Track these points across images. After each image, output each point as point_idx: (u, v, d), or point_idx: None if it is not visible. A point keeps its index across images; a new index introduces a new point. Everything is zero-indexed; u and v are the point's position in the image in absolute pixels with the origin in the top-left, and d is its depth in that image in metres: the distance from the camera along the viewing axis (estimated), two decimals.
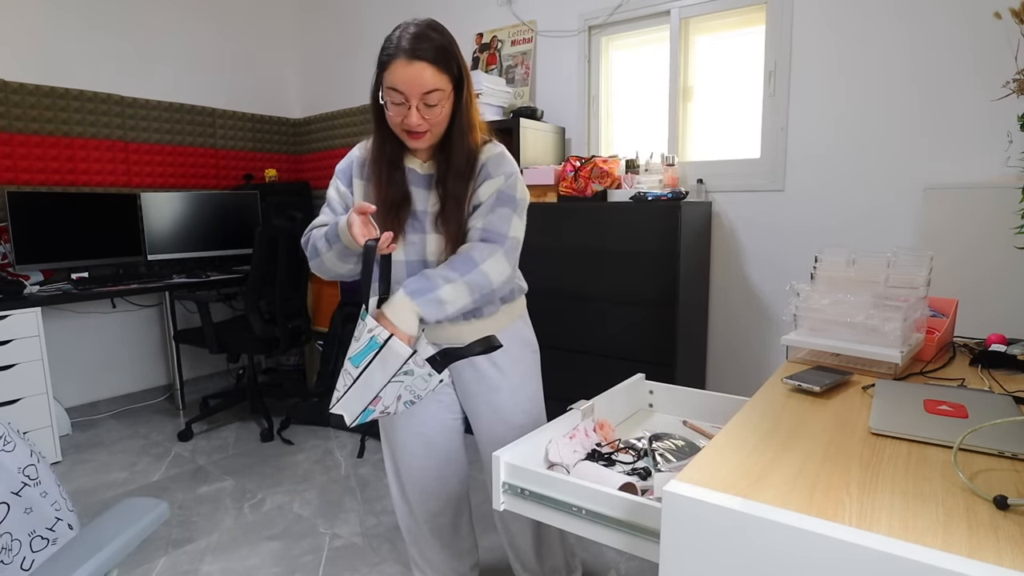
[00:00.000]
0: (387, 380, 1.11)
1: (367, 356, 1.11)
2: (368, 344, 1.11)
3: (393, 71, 1.15)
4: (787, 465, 0.80)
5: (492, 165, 1.29)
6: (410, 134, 1.21)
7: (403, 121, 1.19)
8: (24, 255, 2.95)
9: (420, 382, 1.14)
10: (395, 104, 1.18)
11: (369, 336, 1.11)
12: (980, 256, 1.92)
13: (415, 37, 1.16)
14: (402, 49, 1.15)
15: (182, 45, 3.68)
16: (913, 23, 2.16)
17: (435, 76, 1.16)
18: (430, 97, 1.17)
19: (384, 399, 1.13)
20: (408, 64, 1.14)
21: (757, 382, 2.59)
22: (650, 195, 2.39)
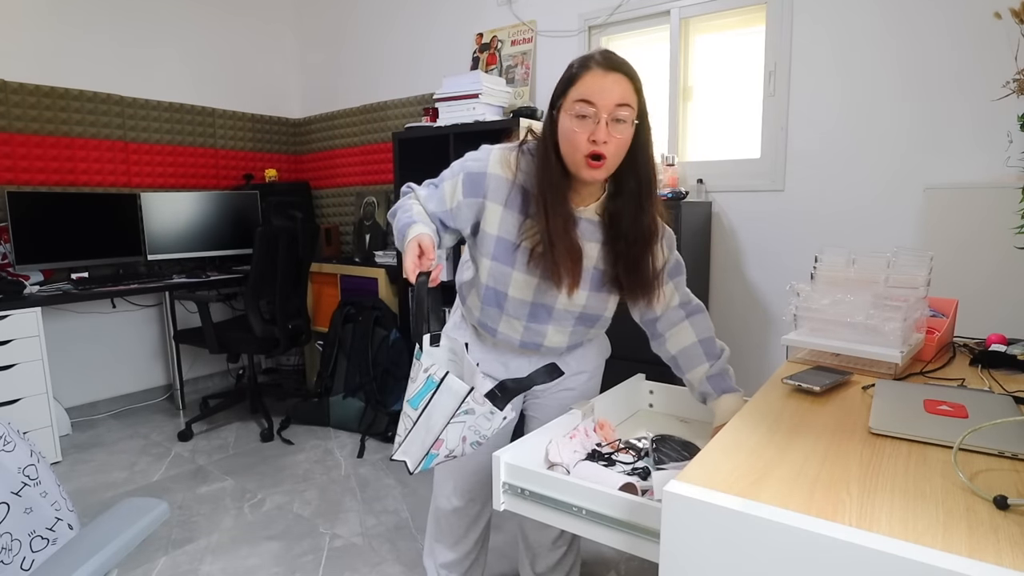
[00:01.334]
0: (447, 420, 1.04)
1: (425, 397, 1.05)
2: (425, 384, 1.05)
3: (587, 80, 1.10)
4: (787, 465, 0.80)
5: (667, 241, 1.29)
6: (591, 159, 1.11)
7: (589, 138, 1.10)
8: (24, 255, 2.95)
9: (483, 421, 1.07)
10: (580, 118, 1.10)
11: (425, 376, 1.05)
12: (980, 256, 1.92)
13: (607, 52, 1.14)
14: (597, 62, 1.11)
15: (182, 45, 3.68)
16: (913, 23, 2.16)
17: (628, 91, 1.11)
18: (620, 111, 1.10)
19: (447, 441, 1.06)
20: (604, 74, 1.10)
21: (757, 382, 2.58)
22: None
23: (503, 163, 1.23)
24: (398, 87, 3.73)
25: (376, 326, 3.13)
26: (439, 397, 1.04)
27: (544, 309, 1.28)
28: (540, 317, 1.29)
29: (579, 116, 1.10)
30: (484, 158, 1.24)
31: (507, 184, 1.22)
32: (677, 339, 1.33)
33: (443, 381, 1.04)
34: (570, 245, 1.18)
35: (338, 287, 3.47)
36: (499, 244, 1.23)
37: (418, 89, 3.61)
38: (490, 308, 1.31)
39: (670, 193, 2.37)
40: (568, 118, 1.12)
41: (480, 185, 1.22)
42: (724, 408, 1.24)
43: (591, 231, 1.23)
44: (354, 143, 4.03)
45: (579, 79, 1.12)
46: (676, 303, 1.33)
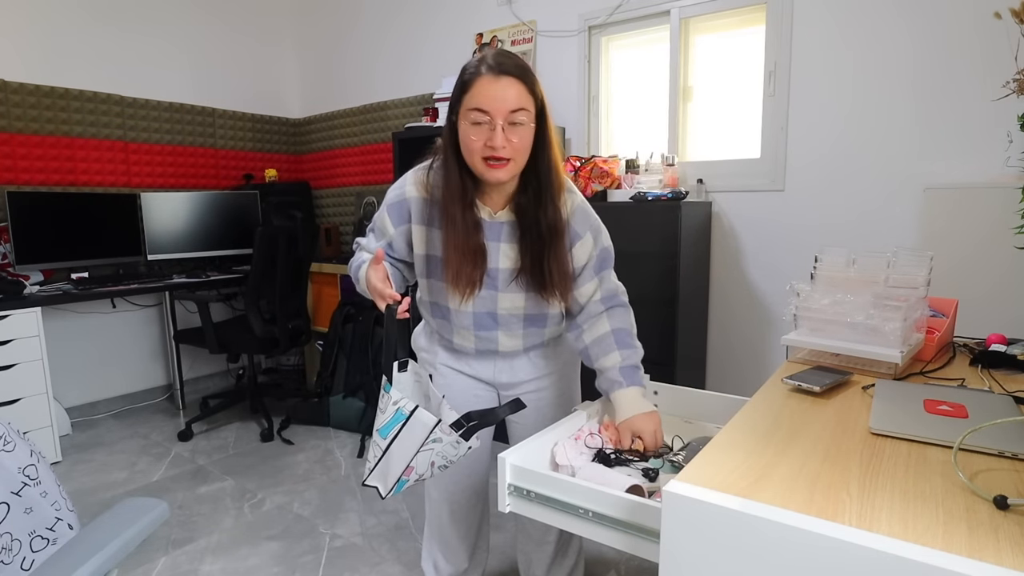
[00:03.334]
0: (417, 450, 1.08)
1: (394, 428, 1.08)
2: (394, 416, 1.09)
3: (478, 88, 1.10)
4: (787, 465, 0.80)
5: (578, 222, 1.26)
6: (491, 162, 1.12)
7: (486, 144, 1.11)
8: (24, 255, 2.95)
9: (450, 448, 1.11)
10: (476, 125, 1.11)
11: (395, 408, 1.08)
12: (980, 256, 1.92)
13: (499, 54, 1.13)
14: (487, 66, 1.10)
15: (182, 45, 3.68)
16: (913, 23, 2.16)
17: (521, 94, 1.11)
18: (517, 115, 1.11)
19: (417, 468, 1.11)
20: (495, 79, 1.10)
21: (757, 382, 2.59)
22: (650, 195, 2.39)
23: (417, 184, 1.26)
24: (398, 87, 3.73)
25: (376, 326, 3.13)
26: (408, 429, 1.07)
27: (488, 317, 1.29)
28: (487, 325, 1.31)
29: (475, 123, 1.11)
30: (402, 185, 1.28)
31: (424, 202, 1.25)
32: (593, 330, 1.32)
33: (412, 414, 1.07)
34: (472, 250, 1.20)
35: (338, 287, 3.47)
36: (429, 261, 1.28)
37: (418, 89, 3.61)
38: (440, 321, 1.35)
39: (670, 193, 2.37)
40: (465, 125, 1.13)
41: (403, 211, 1.26)
42: (628, 402, 1.23)
43: (508, 233, 1.24)
44: (354, 143, 4.03)
45: (471, 86, 1.11)
46: (598, 298, 1.31)
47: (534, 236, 1.21)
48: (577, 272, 1.28)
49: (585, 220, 1.27)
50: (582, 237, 1.26)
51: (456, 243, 1.19)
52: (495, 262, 1.25)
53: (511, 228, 1.24)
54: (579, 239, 1.26)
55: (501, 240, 1.24)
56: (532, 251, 1.22)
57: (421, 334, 1.47)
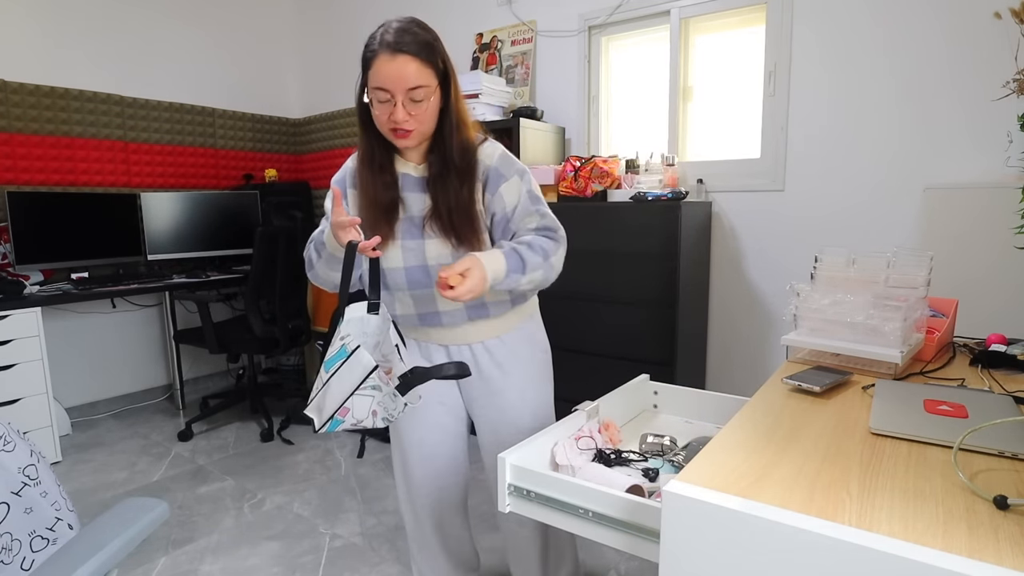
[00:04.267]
0: (352, 390, 1.09)
1: (336, 363, 1.10)
2: (338, 351, 1.11)
3: (377, 68, 1.14)
4: (787, 465, 0.80)
5: (503, 166, 1.26)
6: (397, 132, 1.19)
7: (389, 118, 1.17)
8: (24, 255, 2.95)
9: (389, 400, 1.11)
10: (380, 102, 1.17)
11: (340, 344, 1.11)
12: (980, 256, 1.92)
13: (397, 31, 1.15)
14: (385, 44, 1.13)
15: (182, 45, 3.68)
16: (913, 23, 2.16)
17: (420, 70, 1.14)
18: (416, 93, 1.15)
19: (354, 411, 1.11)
20: (392, 58, 1.13)
21: (757, 382, 2.59)
22: (650, 195, 2.39)
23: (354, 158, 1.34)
24: None
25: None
26: (348, 366, 1.09)
27: (420, 271, 1.29)
28: (420, 281, 1.30)
29: (379, 101, 1.17)
30: (344, 165, 1.36)
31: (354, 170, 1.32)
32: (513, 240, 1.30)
33: (353, 352, 1.09)
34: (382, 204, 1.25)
35: None
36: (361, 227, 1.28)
37: None
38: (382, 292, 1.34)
39: (670, 193, 2.37)
40: (373, 101, 1.18)
41: (341, 183, 1.34)
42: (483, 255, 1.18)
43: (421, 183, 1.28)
44: (354, 143, 4.00)
45: (372, 64, 1.15)
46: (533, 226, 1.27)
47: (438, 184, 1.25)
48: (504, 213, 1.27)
49: (510, 165, 1.29)
50: (508, 179, 1.26)
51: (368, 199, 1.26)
52: (419, 211, 1.28)
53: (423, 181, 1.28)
54: (505, 180, 1.26)
55: (424, 191, 1.28)
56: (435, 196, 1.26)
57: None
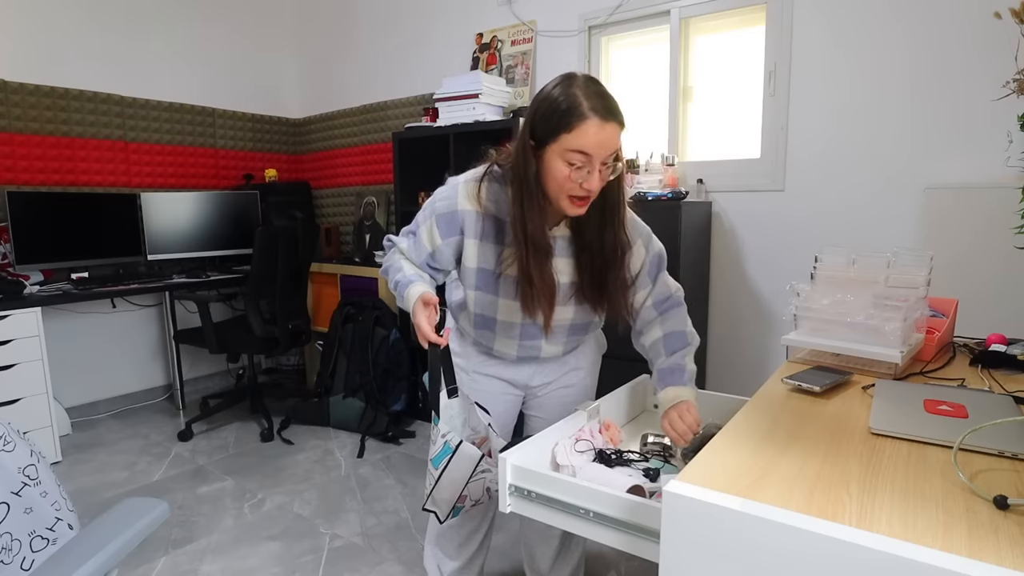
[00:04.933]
0: (467, 480, 1.15)
1: (443, 459, 1.15)
2: (443, 449, 1.15)
3: (585, 131, 1.07)
4: (787, 465, 0.80)
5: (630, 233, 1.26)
6: (576, 200, 1.13)
7: (581, 185, 1.10)
8: (24, 255, 2.95)
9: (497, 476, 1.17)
10: (572, 166, 1.09)
11: (443, 441, 1.16)
12: (980, 256, 1.92)
13: (606, 97, 1.10)
14: (599, 109, 1.07)
15: (182, 45, 3.68)
16: (913, 23, 2.16)
17: (619, 137, 1.11)
18: (611, 158, 1.11)
19: (471, 495, 1.18)
20: (603, 125, 1.07)
21: (757, 382, 2.59)
22: (650, 195, 2.39)
23: (469, 196, 1.24)
24: (398, 87, 3.73)
25: (376, 326, 3.13)
26: (456, 462, 1.14)
27: (535, 327, 1.31)
28: (532, 335, 1.33)
29: (571, 164, 1.09)
30: (452, 195, 1.25)
31: (477, 216, 1.24)
32: (649, 334, 1.35)
33: (458, 448, 1.13)
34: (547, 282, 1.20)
35: (338, 287, 3.47)
36: (480, 275, 1.27)
37: (418, 89, 3.61)
38: (483, 331, 1.36)
39: (670, 193, 2.37)
40: (560, 163, 1.10)
41: (454, 223, 1.24)
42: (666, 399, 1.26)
43: (563, 248, 1.26)
44: (354, 143, 4.03)
45: (576, 128, 1.07)
46: (650, 303, 1.34)
47: (594, 254, 1.22)
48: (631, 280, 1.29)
49: (635, 229, 1.29)
50: (633, 246, 1.27)
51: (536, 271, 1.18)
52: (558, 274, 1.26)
53: (566, 243, 1.26)
54: (630, 248, 1.27)
55: (556, 255, 1.25)
56: (591, 269, 1.23)
57: (453, 339, 1.46)
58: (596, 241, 1.22)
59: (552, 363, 1.44)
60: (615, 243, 1.21)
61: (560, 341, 1.37)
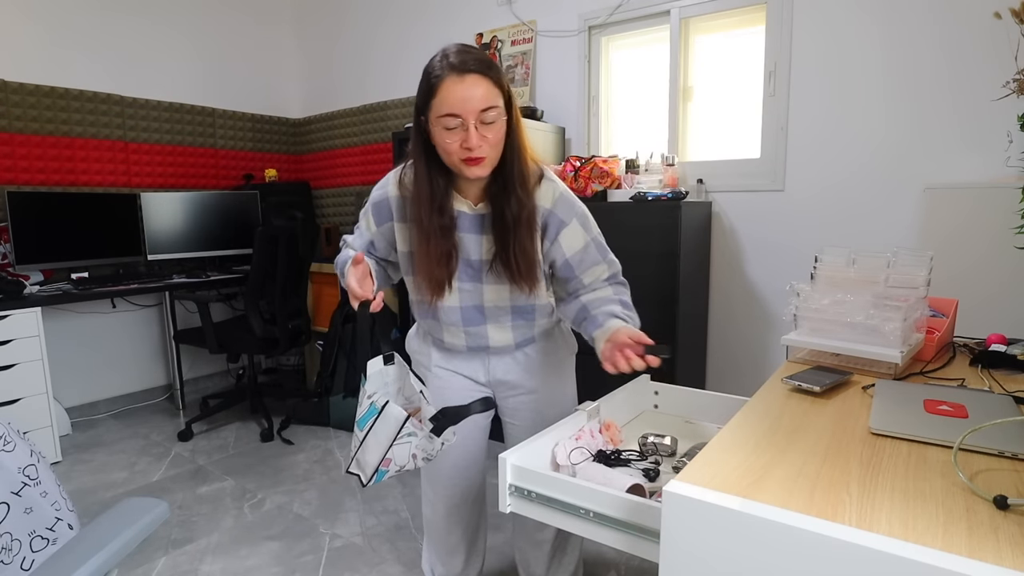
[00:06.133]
0: (391, 442, 1.12)
1: (369, 420, 1.13)
2: (368, 409, 1.13)
3: (445, 92, 1.08)
4: (787, 465, 0.80)
5: (562, 211, 1.24)
6: (469, 161, 1.12)
7: (462, 145, 1.10)
8: (24, 255, 2.95)
9: (426, 442, 1.14)
10: (449, 130, 1.10)
11: (369, 402, 1.14)
12: (980, 256, 1.92)
13: (460, 53, 1.10)
14: (451, 66, 1.08)
15: (182, 45, 3.68)
16: (913, 23, 2.16)
17: (489, 90, 1.09)
18: (487, 114, 1.10)
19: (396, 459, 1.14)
20: (460, 79, 1.07)
21: (757, 382, 2.59)
22: (650, 195, 2.39)
23: (396, 183, 1.27)
24: (398, 87, 3.73)
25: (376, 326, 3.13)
26: (380, 423, 1.11)
27: (475, 310, 1.30)
28: (474, 319, 1.31)
29: (448, 128, 1.10)
30: (384, 184, 1.29)
31: (404, 201, 1.26)
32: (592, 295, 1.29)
33: (384, 408, 1.10)
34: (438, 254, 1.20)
35: (338, 287, 3.47)
36: (412, 259, 1.28)
37: None
38: (428, 320, 1.36)
39: (670, 193, 2.37)
40: (438, 130, 1.12)
41: (383, 209, 1.28)
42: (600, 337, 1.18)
43: (486, 224, 1.24)
44: (354, 143, 4.03)
45: (438, 90, 1.09)
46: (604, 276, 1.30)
47: (501, 226, 1.21)
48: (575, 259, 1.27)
49: (570, 208, 1.26)
50: (568, 224, 1.25)
51: (423, 246, 1.21)
52: (476, 254, 1.26)
53: (490, 219, 1.24)
54: (565, 226, 1.25)
55: (483, 232, 1.24)
56: (500, 240, 1.22)
57: (414, 337, 1.48)
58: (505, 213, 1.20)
59: (510, 359, 1.39)
60: (517, 213, 1.19)
61: (505, 326, 1.33)
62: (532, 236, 1.22)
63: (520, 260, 1.21)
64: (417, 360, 1.46)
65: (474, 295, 1.29)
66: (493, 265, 1.24)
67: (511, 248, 1.20)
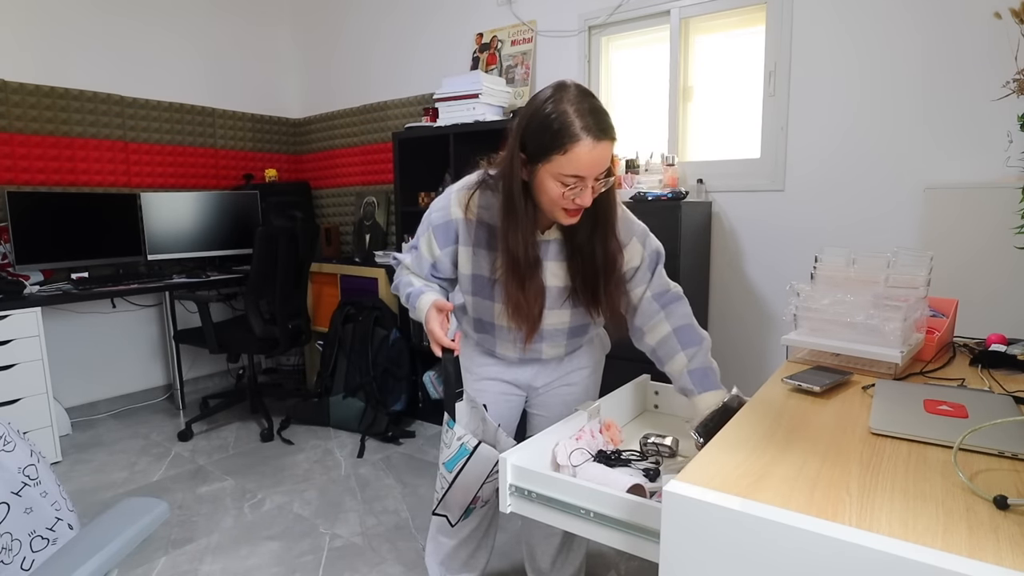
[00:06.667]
0: (482, 482, 1.16)
1: (459, 462, 1.16)
2: (459, 451, 1.16)
3: (579, 153, 1.06)
4: (787, 465, 0.80)
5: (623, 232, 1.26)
6: (571, 213, 1.14)
7: (575, 201, 1.11)
8: (24, 255, 2.95)
9: None
10: (567, 186, 1.09)
11: (459, 444, 1.16)
12: (980, 256, 1.92)
13: (598, 113, 1.08)
14: (589, 128, 1.06)
15: (182, 45, 3.68)
16: (913, 23, 2.16)
17: (611, 153, 1.11)
18: (604, 176, 1.12)
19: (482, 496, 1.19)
20: (596, 145, 1.06)
21: (757, 382, 2.58)
22: (650, 195, 2.39)
23: (461, 205, 1.26)
24: (398, 87, 3.73)
25: (376, 326, 3.13)
26: (473, 464, 1.14)
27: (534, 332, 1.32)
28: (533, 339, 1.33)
29: (565, 184, 1.10)
30: (446, 205, 1.28)
31: (470, 224, 1.26)
32: (654, 332, 1.32)
33: (476, 450, 1.13)
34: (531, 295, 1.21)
35: (338, 287, 3.47)
36: (475, 281, 1.30)
37: (418, 89, 3.61)
38: (483, 335, 1.38)
39: (670, 193, 2.37)
40: (552, 183, 1.10)
41: (449, 233, 1.28)
42: (706, 406, 1.21)
43: (555, 251, 1.26)
44: (354, 143, 4.03)
45: (571, 149, 1.06)
46: (650, 295, 1.32)
47: (586, 259, 1.22)
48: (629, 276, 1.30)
49: (629, 228, 1.28)
50: (627, 244, 1.27)
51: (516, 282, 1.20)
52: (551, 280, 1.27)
53: (559, 247, 1.26)
54: (624, 247, 1.27)
55: (548, 259, 1.26)
56: (584, 274, 1.24)
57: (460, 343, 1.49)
58: (587, 245, 1.22)
59: (554, 363, 1.44)
60: (606, 246, 1.21)
61: (560, 344, 1.38)
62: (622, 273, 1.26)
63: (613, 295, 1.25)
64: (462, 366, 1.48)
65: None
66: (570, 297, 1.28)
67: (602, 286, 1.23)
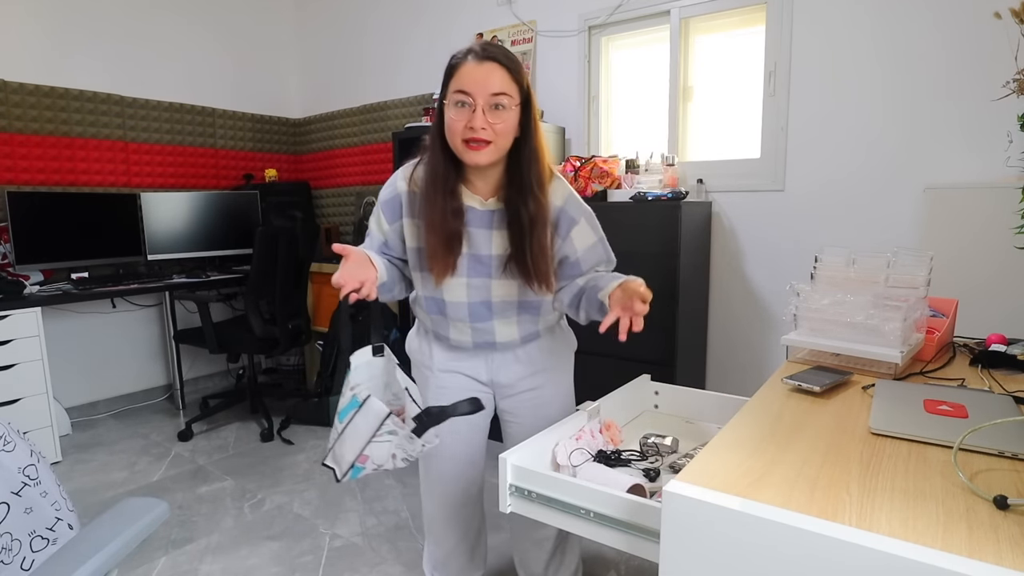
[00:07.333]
0: (369, 439, 1.10)
1: (349, 413, 1.11)
2: (350, 402, 1.11)
3: (462, 72, 1.13)
4: (787, 465, 0.80)
5: (572, 209, 1.26)
6: (471, 143, 1.14)
7: (466, 125, 1.12)
8: (24, 255, 2.95)
9: (406, 443, 1.11)
10: (458, 106, 1.13)
11: (351, 394, 1.12)
12: (980, 256, 1.92)
13: (486, 44, 1.16)
14: (472, 52, 1.14)
15: (182, 45, 3.68)
16: (913, 23, 2.16)
17: (504, 79, 1.13)
18: (498, 99, 1.12)
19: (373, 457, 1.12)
20: (478, 64, 1.12)
21: (757, 382, 2.58)
22: (650, 195, 2.39)
23: (405, 179, 1.28)
24: (398, 87, 3.73)
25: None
26: (361, 416, 1.09)
27: (483, 306, 1.30)
28: (481, 315, 1.31)
29: (457, 104, 1.13)
30: (392, 181, 1.30)
31: (413, 196, 1.27)
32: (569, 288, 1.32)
33: (365, 402, 1.09)
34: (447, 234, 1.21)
35: None
36: (420, 254, 1.28)
37: (418, 89, 3.61)
38: (435, 316, 1.36)
39: (670, 193, 2.37)
40: (449, 108, 1.15)
41: (395, 206, 1.29)
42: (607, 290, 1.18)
43: (498, 220, 1.25)
44: (354, 143, 4.03)
45: (456, 71, 1.14)
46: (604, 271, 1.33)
47: (517, 227, 1.22)
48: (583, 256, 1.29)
49: (579, 207, 1.29)
50: (578, 222, 1.27)
51: (432, 225, 1.21)
52: (487, 249, 1.26)
53: (501, 216, 1.25)
54: (575, 225, 1.27)
55: (492, 227, 1.25)
56: (516, 241, 1.23)
57: (414, 337, 1.47)
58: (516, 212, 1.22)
59: (511, 354, 1.39)
60: (534, 214, 1.20)
61: (511, 320, 1.33)
62: (549, 236, 1.24)
63: (538, 261, 1.22)
64: (417, 361, 1.46)
65: (482, 291, 1.29)
66: (508, 265, 1.25)
67: (528, 249, 1.21)
